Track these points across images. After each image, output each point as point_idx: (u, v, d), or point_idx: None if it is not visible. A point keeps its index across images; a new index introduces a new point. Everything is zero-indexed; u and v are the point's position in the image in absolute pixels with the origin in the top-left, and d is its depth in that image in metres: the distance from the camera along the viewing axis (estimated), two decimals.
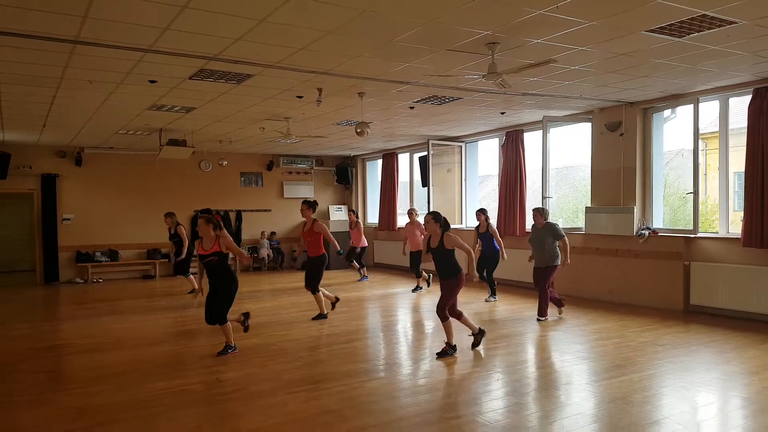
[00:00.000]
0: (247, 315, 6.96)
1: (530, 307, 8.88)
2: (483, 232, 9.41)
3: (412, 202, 14.26)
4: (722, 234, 8.12)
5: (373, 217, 15.90)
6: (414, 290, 10.79)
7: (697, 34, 5.44)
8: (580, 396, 4.87)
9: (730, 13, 4.91)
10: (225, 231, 6.25)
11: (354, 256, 12.85)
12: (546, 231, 7.93)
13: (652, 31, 5.36)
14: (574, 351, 6.35)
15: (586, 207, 9.92)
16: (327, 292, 8.43)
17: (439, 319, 6.24)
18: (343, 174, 16.12)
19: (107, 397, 4.93)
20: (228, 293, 6.24)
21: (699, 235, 8.25)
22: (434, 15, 4.85)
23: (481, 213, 9.48)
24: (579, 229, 10.15)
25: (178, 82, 7.09)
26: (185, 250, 10.36)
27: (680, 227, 9.75)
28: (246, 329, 6.91)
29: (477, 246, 9.30)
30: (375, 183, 16.01)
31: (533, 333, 7.29)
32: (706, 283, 8.02)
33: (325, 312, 8.18)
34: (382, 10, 4.69)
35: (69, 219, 13.07)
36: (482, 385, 5.24)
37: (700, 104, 8.16)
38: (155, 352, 6.52)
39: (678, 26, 5.23)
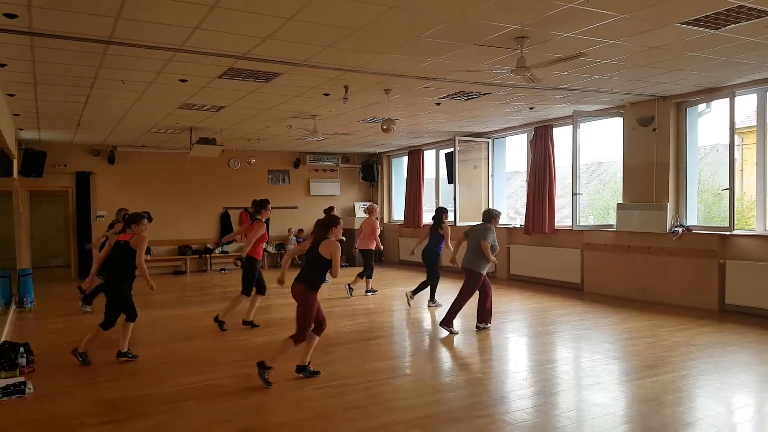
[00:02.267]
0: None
1: (558, 305, 8.78)
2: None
3: (438, 199, 14.21)
4: (759, 231, 7.90)
5: (398, 214, 15.89)
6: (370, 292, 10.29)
7: (733, 25, 5.29)
8: (610, 396, 4.78)
9: (767, 4, 4.76)
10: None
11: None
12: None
13: (687, 23, 5.22)
14: (604, 350, 6.25)
15: (617, 204, 9.74)
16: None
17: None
18: (369, 171, 16.14)
19: (139, 390, 5.03)
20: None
21: (735, 232, 8.04)
22: (461, 10, 4.81)
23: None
24: (610, 226, 9.98)
25: (208, 81, 7.18)
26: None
27: (715, 224, 9.52)
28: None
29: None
30: (401, 180, 15.99)
31: (563, 332, 7.19)
32: (742, 282, 7.81)
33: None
34: (408, 6, 4.67)
35: (102, 216, 13.35)
36: (510, 384, 5.19)
37: (737, 98, 7.94)
38: (186, 347, 6.62)
39: (714, 18, 5.09)
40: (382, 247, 10.48)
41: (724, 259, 8.06)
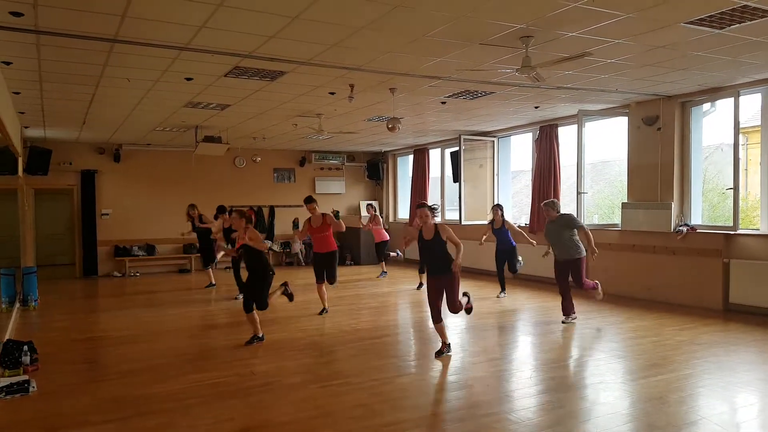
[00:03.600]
0: (285, 284, 7.42)
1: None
2: (498, 228, 9.35)
3: (443, 197, 14.20)
4: (764, 231, 7.87)
5: (403, 212, 15.89)
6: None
7: (738, 25, 5.27)
8: (615, 395, 4.79)
9: None
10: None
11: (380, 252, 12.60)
12: (560, 222, 7.42)
13: (692, 22, 5.21)
14: (609, 349, 6.25)
15: (622, 203, 9.73)
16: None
17: (438, 320, 5.97)
18: (374, 170, 16.16)
19: (144, 388, 5.05)
20: (264, 278, 6.53)
21: (739, 231, 8.02)
22: (467, 9, 4.81)
23: (497, 209, 9.43)
24: (615, 225, 9.97)
25: (214, 80, 7.20)
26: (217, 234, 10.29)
27: (719, 224, 9.48)
28: (290, 297, 7.49)
29: (484, 239, 9.47)
30: (406, 178, 15.99)
31: (567, 331, 7.19)
32: (747, 281, 7.79)
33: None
34: (414, 5, 4.67)
35: (107, 214, 13.41)
36: (515, 383, 5.20)
37: (741, 97, 7.92)
38: (190, 345, 6.65)
39: (718, 17, 5.07)
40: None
41: (729, 258, 8.04)
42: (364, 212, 15.43)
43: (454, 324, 7.93)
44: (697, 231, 8.51)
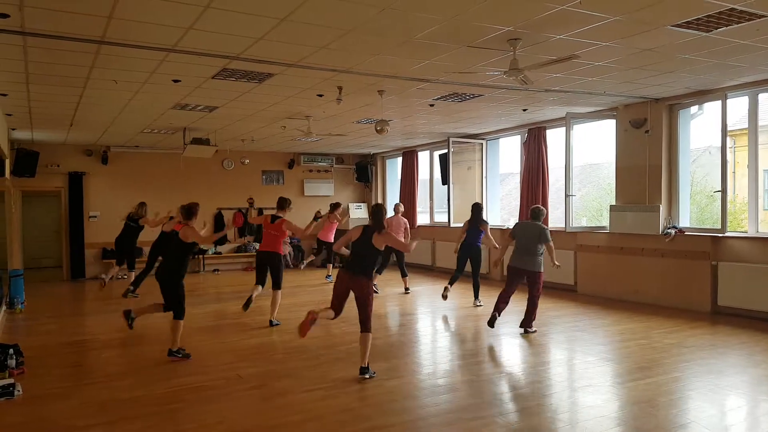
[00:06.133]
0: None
1: (551, 306, 8.78)
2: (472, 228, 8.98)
3: (432, 200, 14.21)
4: (751, 233, 7.93)
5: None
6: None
7: (725, 28, 5.31)
8: (603, 398, 4.79)
9: (759, 7, 4.78)
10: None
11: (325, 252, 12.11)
12: (534, 231, 7.05)
13: (679, 25, 5.24)
14: (597, 352, 6.26)
15: (610, 205, 9.77)
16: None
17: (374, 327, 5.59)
18: (363, 172, 16.14)
19: (130, 392, 5.00)
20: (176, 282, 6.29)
21: (727, 234, 8.07)
22: (455, 11, 4.81)
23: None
24: (603, 227, 10.01)
25: (201, 82, 7.16)
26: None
27: (707, 226, 9.56)
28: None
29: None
30: (395, 181, 15.99)
31: (556, 333, 7.20)
32: (734, 284, 7.84)
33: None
34: (402, 7, 4.66)
35: (95, 216, 13.29)
36: (503, 386, 5.19)
37: (728, 100, 7.97)
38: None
39: (705, 20, 5.11)
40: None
41: (717, 260, 8.09)
42: (355, 214, 15.42)
43: (449, 326, 7.92)
44: (685, 233, 8.56)
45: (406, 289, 10.46)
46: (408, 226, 10.43)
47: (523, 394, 4.96)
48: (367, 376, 5.27)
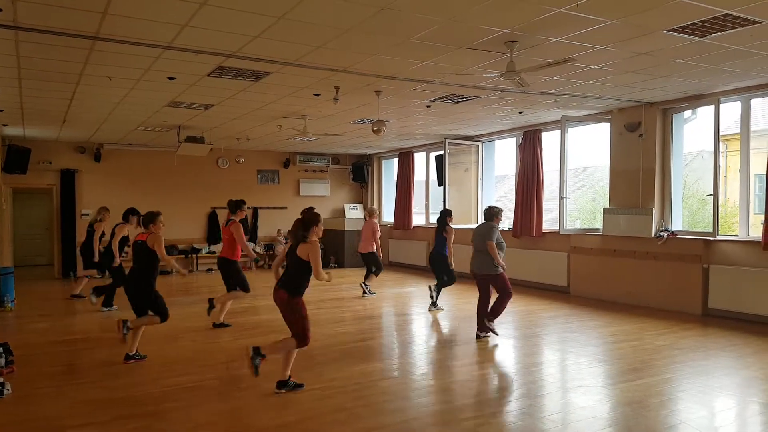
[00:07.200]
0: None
1: (545, 308, 8.82)
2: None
3: (428, 201, 14.23)
4: (742, 237, 7.99)
5: (388, 215, 15.89)
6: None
7: (719, 33, 5.35)
8: (595, 399, 4.81)
9: (753, 13, 4.82)
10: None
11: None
12: (479, 231, 6.86)
13: (674, 30, 5.28)
14: (590, 353, 6.28)
15: (604, 208, 9.82)
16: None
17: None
18: (359, 172, 16.13)
19: (122, 391, 4.97)
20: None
21: (718, 237, 8.12)
22: (453, 13, 4.82)
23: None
24: (597, 230, 10.06)
25: (197, 80, 7.13)
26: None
27: (699, 229, 9.62)
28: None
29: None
30: (391, 182, 15.99)
31: (549, 334, 7.22)
32: (725, 287, 7.89)
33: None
34: (400, 7, 4.67)
35: (87, 214, 13.18)
36: (496, 387, 5.20)
37: (722, 105, 8.02)
38: (170, 348, 6.55)
39: (700, 26, 5.14)
40: (381, 254, 10.28)
41: (708, 263, 8.14)
42: (351, 215, 15.38)
43: (443, 327, 7.93)
44: (678, 236, 8.61)
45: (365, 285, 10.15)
46: (378, 229, 10.16)
47: (516, 394, 4.97)
48: (283, 391, 4.83)
